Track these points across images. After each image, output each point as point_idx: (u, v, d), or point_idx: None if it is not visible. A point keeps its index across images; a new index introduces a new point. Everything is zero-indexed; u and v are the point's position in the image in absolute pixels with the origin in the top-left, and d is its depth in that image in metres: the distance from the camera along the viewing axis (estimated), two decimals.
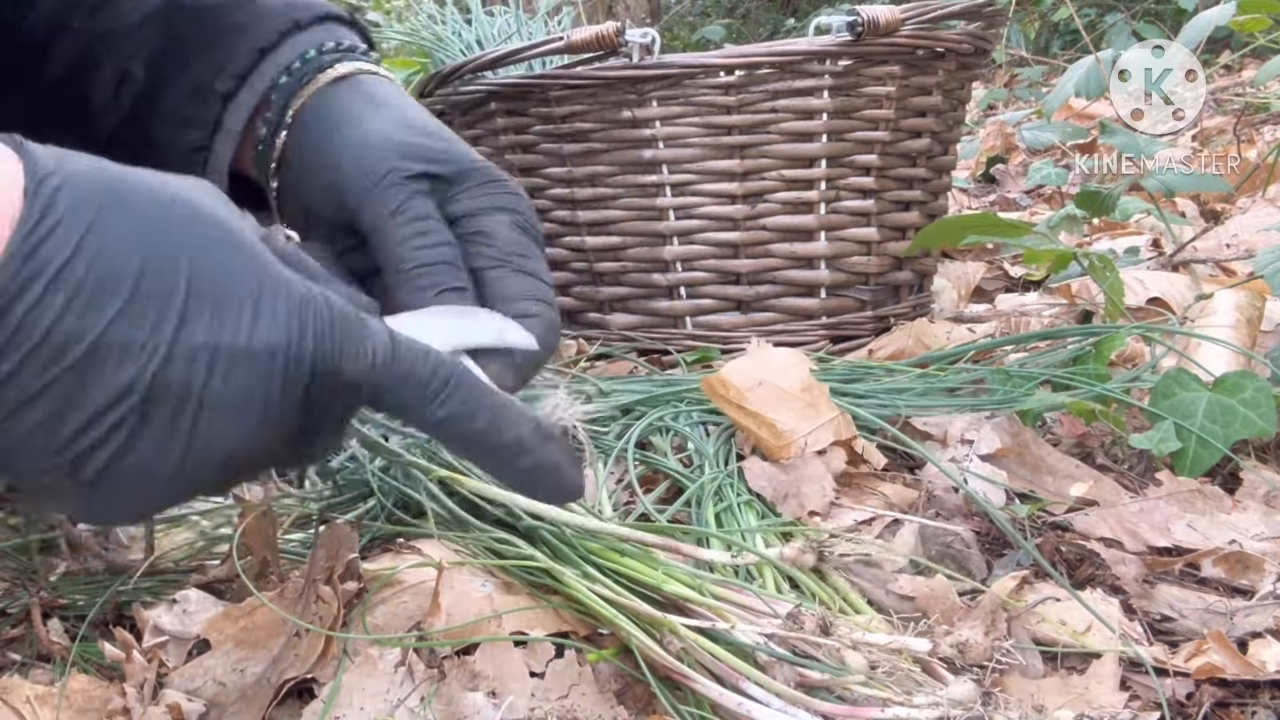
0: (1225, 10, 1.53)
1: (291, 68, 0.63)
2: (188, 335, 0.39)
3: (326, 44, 0.64)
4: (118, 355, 0.38)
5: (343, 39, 0.65)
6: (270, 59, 0.63)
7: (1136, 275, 1.20)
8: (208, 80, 0.63)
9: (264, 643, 0.60)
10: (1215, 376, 0.81)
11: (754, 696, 0.51)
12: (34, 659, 0.65)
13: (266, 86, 0.63)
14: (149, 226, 0.39)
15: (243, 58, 0.63)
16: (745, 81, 1.11)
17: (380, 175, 0.56)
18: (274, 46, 0.63)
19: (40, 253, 0.37)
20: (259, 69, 0.63)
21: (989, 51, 1.23)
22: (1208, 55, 2.67)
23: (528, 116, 1.19)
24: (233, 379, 0.40)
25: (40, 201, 0.37)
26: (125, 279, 0.38)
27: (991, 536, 0.72)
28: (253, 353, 0.40)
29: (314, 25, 0.65)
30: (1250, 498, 0.74)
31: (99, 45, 0.65)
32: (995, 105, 3.45)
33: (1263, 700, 0.54)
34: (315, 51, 0.63)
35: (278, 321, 0.41)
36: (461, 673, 0.56)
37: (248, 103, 0.63)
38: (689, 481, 0.78)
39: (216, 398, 0.39)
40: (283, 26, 0.64)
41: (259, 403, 0.40)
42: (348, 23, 0.67)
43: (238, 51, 0.63)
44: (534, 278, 0.57)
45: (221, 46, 0.64)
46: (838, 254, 1.17)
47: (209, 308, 0.39)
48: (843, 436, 0.79)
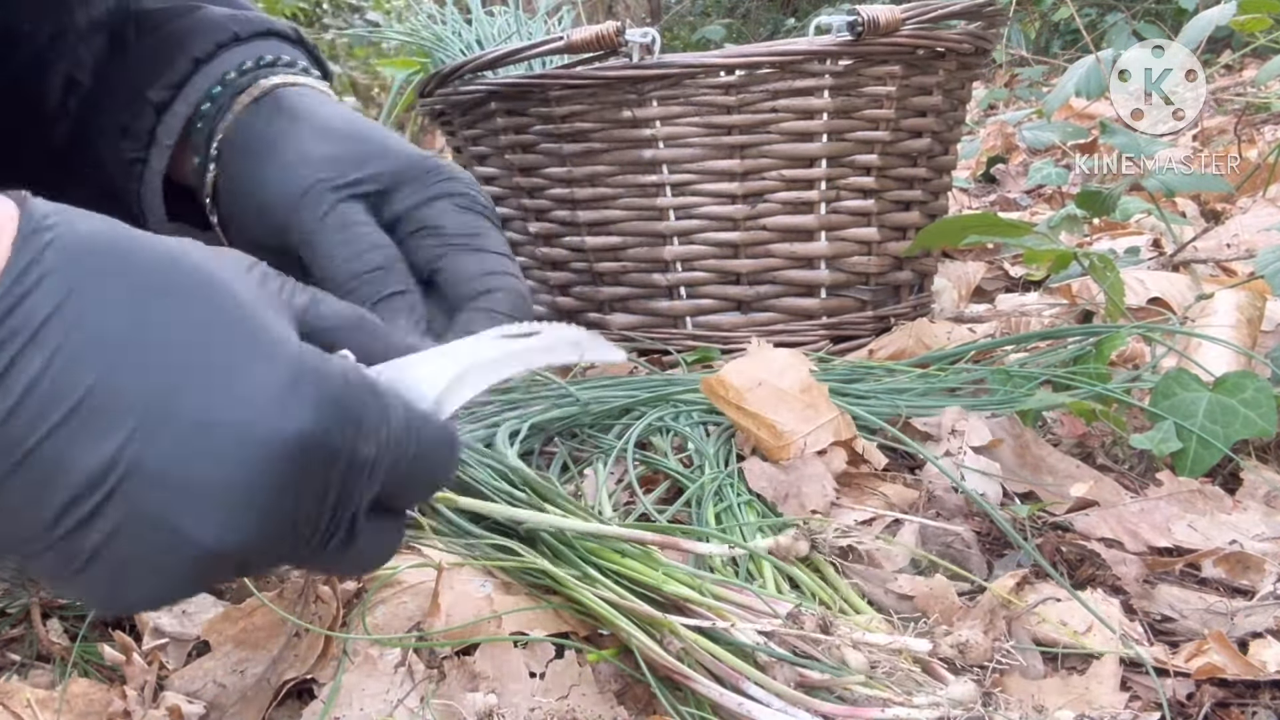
0: (1226, 10, 1.53)
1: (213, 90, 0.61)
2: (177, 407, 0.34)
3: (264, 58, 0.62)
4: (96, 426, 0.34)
5: (281, 54, 0.63)
6: (204, 70, 0.61)
7: (1137, 275, 1.20)
8: (142, 89, 0.61)
9: (263, 643, 0.60)
10: (1216, 377, 0.81)
11: (754, 696, 0.51)
12: (34, 659, 0.65)
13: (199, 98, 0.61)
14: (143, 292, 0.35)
15: (179, 68, 0.61)
16: (745, 81, 1.11)
17: (301, 192, 0.54)
18: (210, 58, 0.61)
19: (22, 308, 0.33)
20: (192, 80, 0.61)
21: (989, 51, 1.23)
22: (1208, 55, 2.67)
23: (528, 116, 1.19)
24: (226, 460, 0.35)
25: (27, 253, 0.34)
26: (107, 346, 0.34)
27: (992, 536, 0.72)
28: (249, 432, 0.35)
29: (254, 39, 0.63)
30: (1251, 498, 0.74)
31: (48, 50, 0.63)
32: (996, 105, 3.45)
33: (1263, 700, 0.54)
34: (235, 72, 0.61)
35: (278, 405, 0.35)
36: (461, 673, 0.56)
37: (181, 114, 0.61)
38: (689, 482, 0.78)
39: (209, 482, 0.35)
40: (221, 38, 0.62)
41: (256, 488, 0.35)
42: (291, 39, 0.65)
43: (175, 61, 0.61)
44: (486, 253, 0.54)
45: (161, 56, 0.62)
46: (838, 254, 1.17)
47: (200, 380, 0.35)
48: (842, 437, 0.79)
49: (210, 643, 0.60)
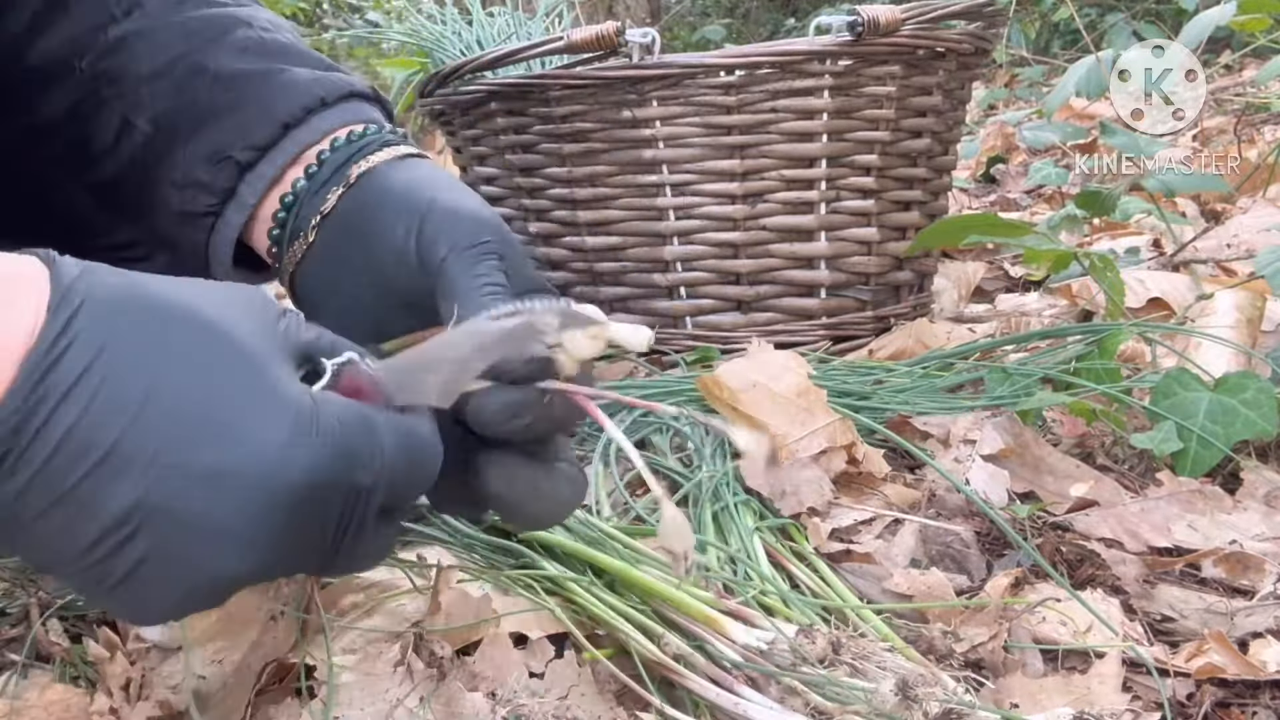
0: (1226, 10, 1.53)
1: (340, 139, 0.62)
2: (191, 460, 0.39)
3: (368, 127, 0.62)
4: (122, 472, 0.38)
5: (372, 117, 0.64)
6: (293, 134, 0.62)
7: (1137, 275, 1.20)
8: (225, 148, 0.63)
9: (240, 631, 0.60)
10: (1216, 377, 0.81)
11: (749, 697, 0.51)
12: (34, 659, 0.65)
13: (287, 158, 0.62)
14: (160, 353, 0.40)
15: (265, 130, 0.62)
16: (745, 81, 1.10)
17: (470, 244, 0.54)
18: (299, 122, 0.63)
19: (58, 368, 0.38)
20: (280, 144, 0.62)
21: (989, 51, 1.23)
22: (1208, 55, 2.67)
23: (528, 116, 1.19)
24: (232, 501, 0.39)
25: (60, 319, 0.38)
26: (131, 401, 0.38)
27: (992, 536, 0.72)
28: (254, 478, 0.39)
29: (340, 102, 0.64)
30: (1251, 498, 0.74)
31: (104, 90, 0.65)
32: (996, 105, 3.45)
33: (1263, 700, 0.54)
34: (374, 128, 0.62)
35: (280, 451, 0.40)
36: (461, 673, 0.56)
37: (266, 175, 0.62)
38: (686, 481, 0.78)
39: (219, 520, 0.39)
40: (309, 103, 0.63)
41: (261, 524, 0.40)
42: (371, 99, 0.66)
43: (260, 123, 0.63)
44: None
45: (242, 116, 0.63)
46: (838, 254, 1.17)
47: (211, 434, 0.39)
48: (839, 443, 0.79)
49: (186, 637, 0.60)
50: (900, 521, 0.73)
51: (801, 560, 0.66)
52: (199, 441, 0.39)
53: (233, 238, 0.64)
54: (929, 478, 0.78)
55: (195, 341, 0.41)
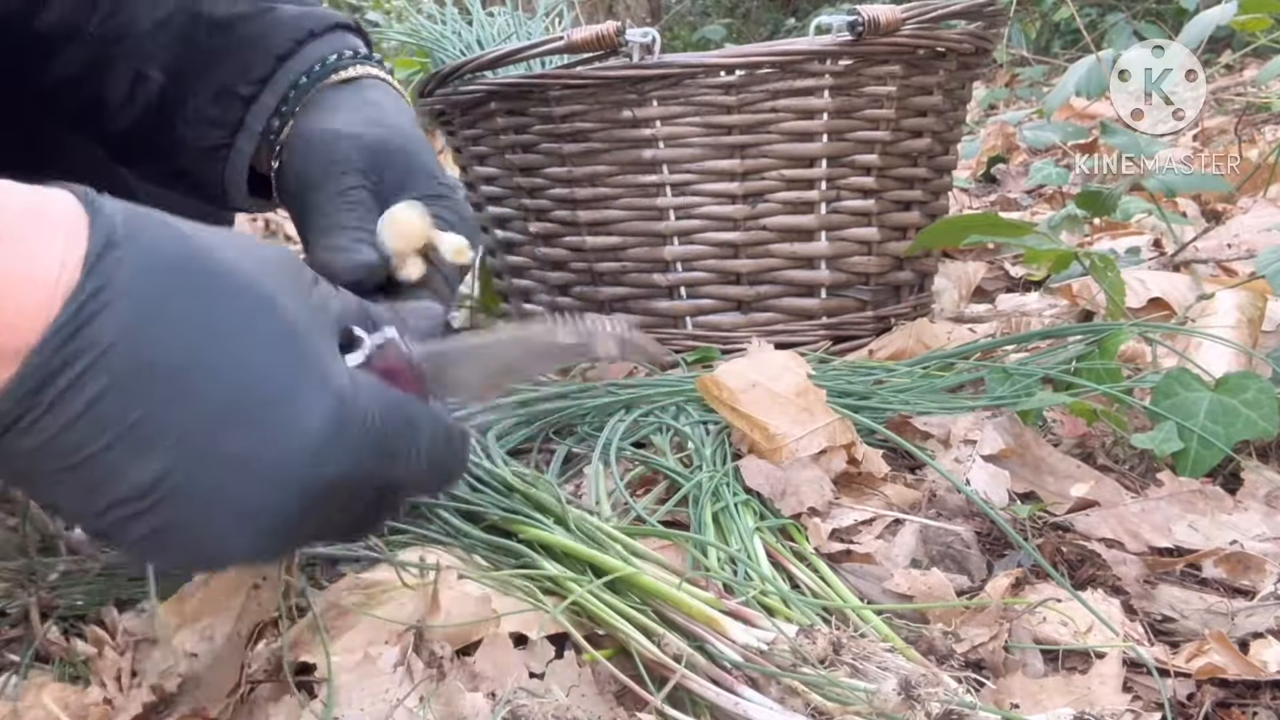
0: (1226, 10, 1.53)
1: (310, 71, 0.69)
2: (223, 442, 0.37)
3: (344, 51, 0.70)
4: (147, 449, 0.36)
5: (354, 47, 0.71)
6: (287, 65, 0.69)
7: (1138, 275, 1.20)
8: (231, 85, 0.69)
9: (224, 604, 0.60)
10: (1217, 377, 0.81)
11: (749, 697, 0.51)
12: (33, 659, 0.65)
13: (285, 89, 0.69)
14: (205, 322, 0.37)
15: (263, 64, 0.69)
16: (745, 81, 1.10)
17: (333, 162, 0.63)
18: (290, 54, 0.69)
19: (86, 332, 0.35)
20: (276, 75, 0.69)
21: (990, 51, 1.23)
22: (1209, 55, 2.67)
23: (528, 116, 1.18)
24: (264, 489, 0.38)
25: (97, 277, 0.36)
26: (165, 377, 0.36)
27: (992, 537, 0.72)
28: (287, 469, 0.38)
29: (326, 33, 0.71)
30: (1251, 498, 0.74)
31: (113, 48, 0.70)
32: (996, 105, 3.45)
33: (1264, 701, 0.54)
34: (335, 56, 0.70)
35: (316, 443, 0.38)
36: (461, 673, 0.56)
37: (268, 104, 0.69)
38: (686, 482, 0.77)
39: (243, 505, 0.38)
40: (298, 35, 0.69)
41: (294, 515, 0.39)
42: (355, 30, 0.73)
43: (258, 59, 0.69)
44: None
45: (242, 54, 0.70)
46: (838, 254, 1.17)
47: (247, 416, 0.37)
48: (838, 442, 0.79)
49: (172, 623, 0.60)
50: (900, 522, 0.73)
51: (801, 560, 0.66)
52: (233, 423, 0.37)
53: (244, 165, 0.70)
54: (929, 478, 0.78)
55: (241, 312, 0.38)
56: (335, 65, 0.69)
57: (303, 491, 0.38)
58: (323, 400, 0.39)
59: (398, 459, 0.41)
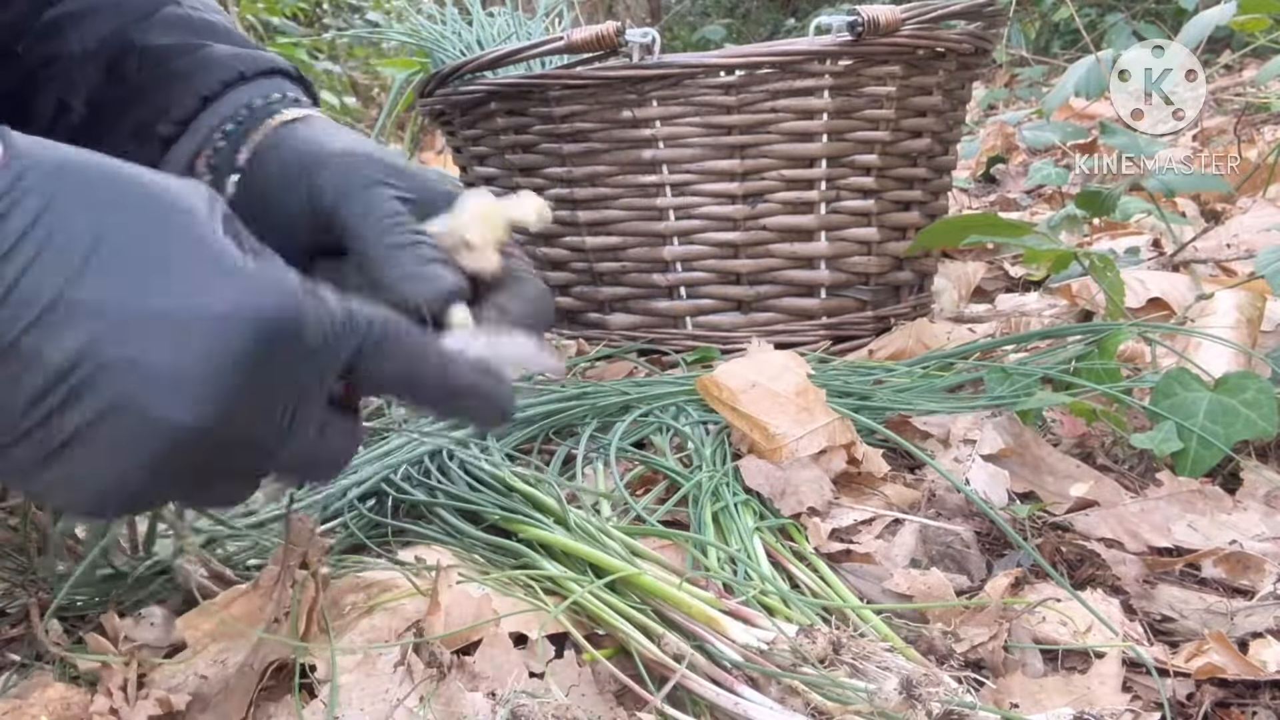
0: (1226, 10, 1.53)
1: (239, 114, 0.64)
2: (139, 302, 0.39)
3: (273, 95, 0.65)
4: (67, 322, 0.38)
5: (288, 91, 0.66)
6: (212, 108, 0.64)
7: (1137, 275, 1.20)
8: (149, 123, 0.65)
9: (242, 634, 0.60)
10: (1216, 377, 0.81)
11: (749, 697, 0.51)
12: (33, 660, 0.65)
13: (206, 133, 0.64)
14: (109, 208, 0.40)
15: (186, 104, 0.64)
16: (745, 81, 1.10)
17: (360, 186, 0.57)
18: (216, 96, 0.64)
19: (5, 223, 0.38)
20: (200, 117, 0.64)
21: (989, 51, 1.23)
22: (1208, 55, 2.67)
23: (528, 116, 1.19)
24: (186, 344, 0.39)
25: (9, 175, 0.39)
26: (77, 251, 0.39)
27: (992, 536, 0.72)
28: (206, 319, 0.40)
29: (259, 78, 0.66)
30: (1251, 498, 0.74)
31: (40, 72, 0.67)
32: (996, 105, 3.45)
33: (1263, 700, 0.54)
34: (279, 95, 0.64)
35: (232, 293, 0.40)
36: (461, 673, 0.56)
37: (187, 148, 0.64)
38: (685, 481, 0.78)
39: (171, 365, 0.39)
40: (227, 77, 0.65)
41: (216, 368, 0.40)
42: (293, 77, 0.68)
43: (182, 98, 0.65)
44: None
45: (165, 91, 0.65)
46: (838, 254, 1.17)
47: (160, 278, 0.40)
48: (838, 442, 0.79)
49: (187, 639, 0.60)
50: (900, 521, 0.73)
51: (801, 560, 0.66)
52: (147, 288, 0.39)
53: None
54: (929, 478, 0.78)
55: (143, 196, 0.41)
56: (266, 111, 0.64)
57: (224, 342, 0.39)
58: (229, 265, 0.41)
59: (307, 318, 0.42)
